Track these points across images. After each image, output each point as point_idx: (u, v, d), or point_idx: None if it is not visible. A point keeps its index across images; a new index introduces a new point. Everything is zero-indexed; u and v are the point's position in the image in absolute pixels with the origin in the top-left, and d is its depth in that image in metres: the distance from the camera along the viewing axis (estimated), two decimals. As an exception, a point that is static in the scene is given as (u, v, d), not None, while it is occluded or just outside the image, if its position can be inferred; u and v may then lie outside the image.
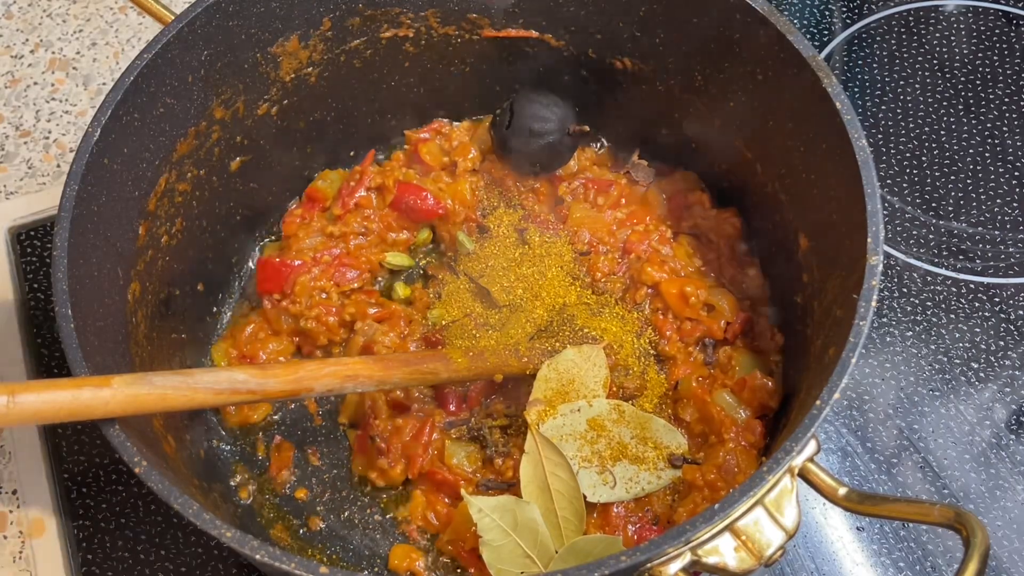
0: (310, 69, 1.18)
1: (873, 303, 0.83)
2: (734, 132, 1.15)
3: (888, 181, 1.37)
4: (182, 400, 0.84)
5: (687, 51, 1.13)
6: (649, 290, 1.18)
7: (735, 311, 1.15)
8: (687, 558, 0.77)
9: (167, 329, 1.10)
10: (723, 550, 0.78)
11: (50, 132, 1.44)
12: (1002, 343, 1.23)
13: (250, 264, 1.28)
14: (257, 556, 0.74)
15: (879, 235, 0.86)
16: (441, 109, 1.33)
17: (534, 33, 1.21)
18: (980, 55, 1.49)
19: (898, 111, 1.44)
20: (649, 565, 0.76)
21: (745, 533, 0.78)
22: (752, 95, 1.08)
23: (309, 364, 0.94)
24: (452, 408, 1.14)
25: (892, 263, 1.29)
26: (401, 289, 1.25)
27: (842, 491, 0.82)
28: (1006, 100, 1.45)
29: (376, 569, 1.08)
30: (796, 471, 0.81)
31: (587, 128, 1.23)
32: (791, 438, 0.78)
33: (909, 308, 1.26)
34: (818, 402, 0.79)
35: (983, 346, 1.23)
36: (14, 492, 1.17)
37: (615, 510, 1.04)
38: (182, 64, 1.03)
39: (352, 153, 1.33)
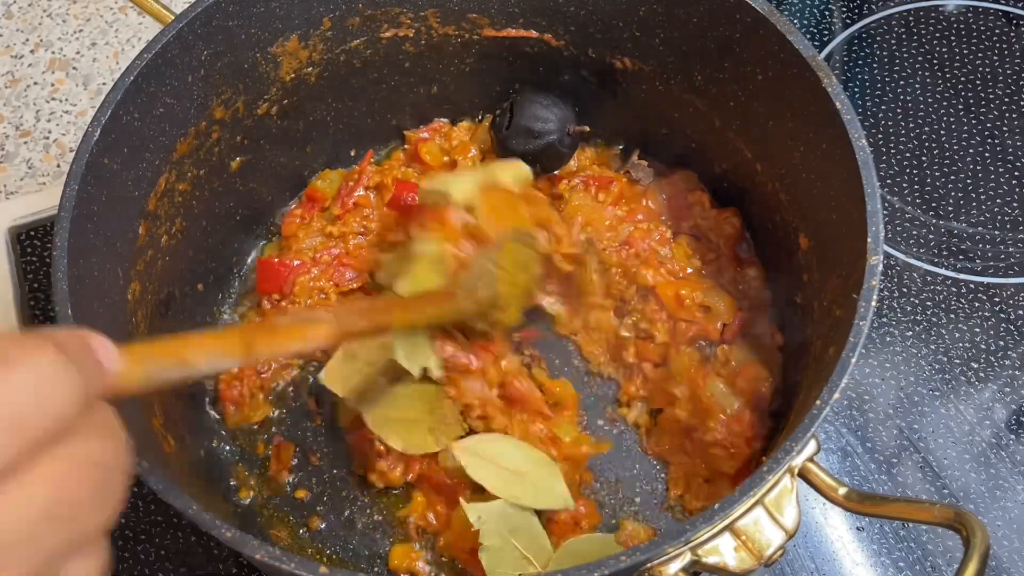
0: (310, 69, 1.18)
1: (873, 303, 0.83)
2: (734, 132, 1.15)
3: (888, 181, 1.37)
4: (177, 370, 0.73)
5: (687, 51, 1.13)
6: (643, 290, 1.19)
7: (732, 312, 1.15)
8: (687, 558, 0.77)
9: (167, 329, 1.10)
10: (723, 550, 0.78)
11: (50, 132, 1.44)
12: (1002, 343, 1.23)
13: (250, 264, 1.27)
14: (257, 556, 0.74)
15: (879, 235, 0.86)
16: (441, 109, 1.33)
17: (534, 33, 1.21)
18: (980, 55, 1.50)
19: (898, 111, 1.44)
20: (649, 565, 0.76)
21: (745, 533, 0.78)
22: (752, 95, 1.08)
23: (281, 326, 0.85)
24: None
25: (892, 263, 1.29)
26: None
27: (842, 491, 0.82)
28: (1006, 100, 1.45)
29: (376, 569, 1.08)
30: (796, 471, 0.82)
31: (587, 128, 1.23)
32: (791, 438, 0.78)
33: (909, 308, 1.26)
34: (818, 402, 0.79)
35: (983, 346, 1.23)
36: (14, 492, 1.17)
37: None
38: (182, 64, 1.03)
39: (352, 153, 1.33)
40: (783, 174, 1.09)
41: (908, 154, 1.40)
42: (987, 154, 1.39)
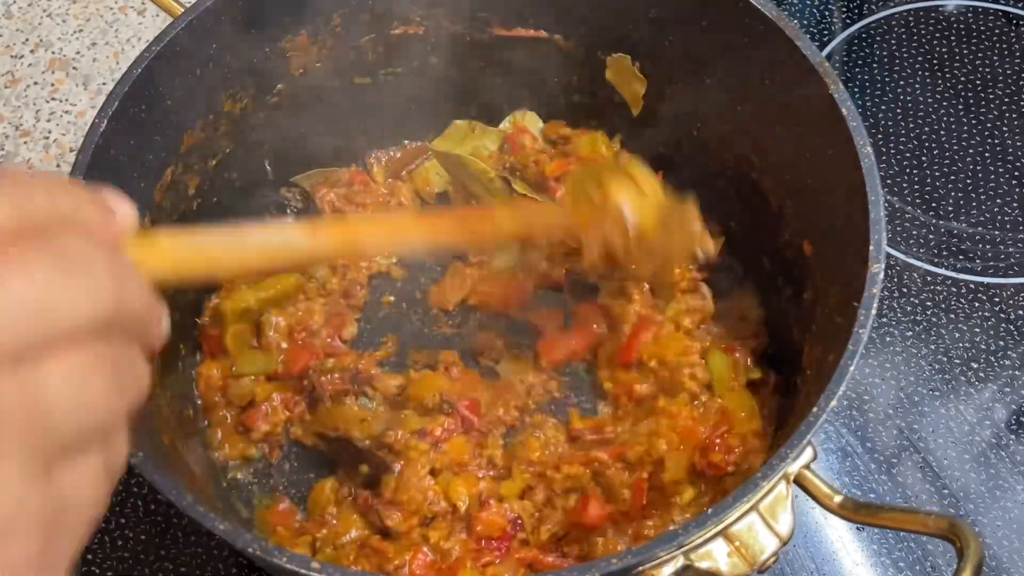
0: (319, 65, 1.17)
1: (873, 311, 0.83)
2: (741, 137, 1.14)
3: (888, 181, 1.37)
4: (232, 262, 0.72)
5: (696, 54, 1.12)
6: None
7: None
8: (680, 562, 0.77)
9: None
10: (716, 555, 0.78)
11: (50, 132, 1.44)
12: (1002, 343, 1.23)
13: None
14: (250, 549, 0.73)
15: (881, 243, 0.86)
16: (447, 108, 1.32)
17: (543, 33, 1.20)
18: (980, 55, 1.49)
19: (898, 111, 1.44)
20: (640, 569, 0.76)
21: (739, 539, 0.78)
22: (760, 101, 1.08)
23: (360, 220, 0.85)
24: None
25: (892, 263, 1.29)
26: None
27: (837, 499, 0.82)
28: (1006, 100, 1.45)
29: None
30: (792, 478, 0.81)
31: None
32: (787, 444, 0.78)
33: (909, 308, 1.26)
34: (815, 409, 0.79)
35: (983, 346, 1.23)
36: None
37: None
38: (191, 57, 1.03)
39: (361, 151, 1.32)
40: (789, 180, 1.08)
41: (908, 154, 1.40)
42: (987, 154, 1.39)
